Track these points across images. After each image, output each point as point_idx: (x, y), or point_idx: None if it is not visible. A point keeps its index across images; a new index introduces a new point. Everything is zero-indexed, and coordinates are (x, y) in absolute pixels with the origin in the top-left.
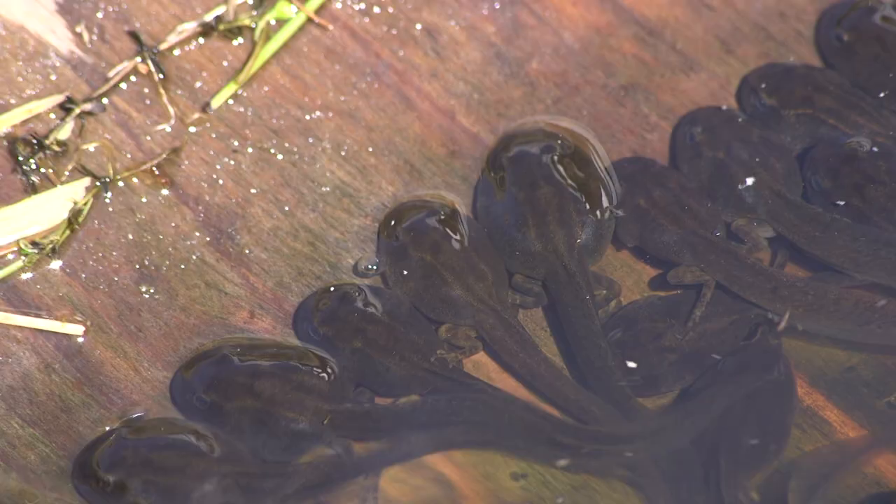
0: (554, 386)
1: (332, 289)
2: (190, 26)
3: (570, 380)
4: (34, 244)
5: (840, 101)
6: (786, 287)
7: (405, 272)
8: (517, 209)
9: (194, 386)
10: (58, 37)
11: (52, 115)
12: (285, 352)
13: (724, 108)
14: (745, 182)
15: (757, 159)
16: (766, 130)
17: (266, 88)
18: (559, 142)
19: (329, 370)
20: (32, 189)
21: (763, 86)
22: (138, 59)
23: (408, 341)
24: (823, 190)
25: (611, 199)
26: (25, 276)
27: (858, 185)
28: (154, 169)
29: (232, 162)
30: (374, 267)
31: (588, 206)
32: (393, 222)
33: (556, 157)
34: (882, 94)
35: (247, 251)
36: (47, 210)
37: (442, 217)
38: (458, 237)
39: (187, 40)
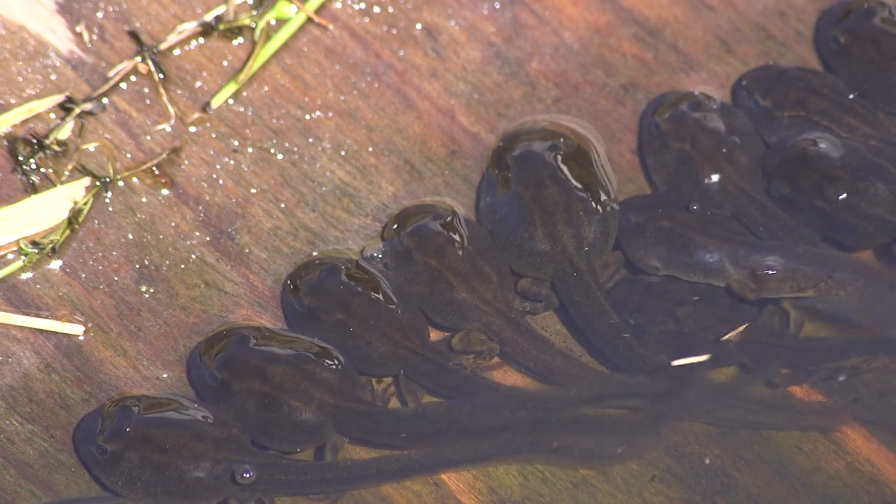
0: (575, 377)
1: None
2: (190, 26)
3: (592, 368)
4: (34, 244)
5: (833, 103)
6: (843, 269)
7: (410, 277)
8: (524, 209)
9: (209, 361)
10: (58, 37)
11: (52, 115)
12: (302, 343)
13: (696, 93)
14: (711, 178)
15: (724, 150)
16: (729, 115)
17: (266, 88)
18: (562, 140)
19: (337, 362)
20: (32, 189)
21: (757, 88)
22: (138, 58)
23: (391, 318)
24: (783, 196)
25: (610, 195)
26: (25, 276)
27: (818, 185)
28: (154, 169)
29: (232, 162)
30: (380, 255)
31: (593, 204)
32: (396, 227)
33: (560, 156)
34: (851, 95)
35: (246, 251)
36: (47, 210)
37: (445, 221)
38: (461, 241)
39: (187, 40)
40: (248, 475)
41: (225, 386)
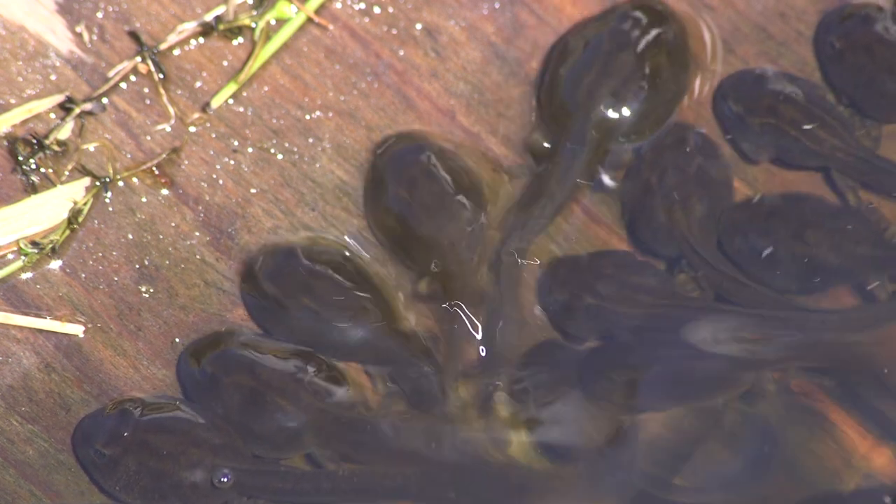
0: None
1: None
2: (190, 26)
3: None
4: (34, 244)
5: (804, 113)
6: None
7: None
8: None
9: (197, 364)
10: (58, 37)
11: (52, 115)
12: (288, 349)
13: (694, 129)
14: (661, 218)
15: (684, 194)
16: (710, 160)
17: (266, 88)
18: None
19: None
20: (32, 189)
21: (732, 92)
22: (138, 58)
23: (360, 301)
24: (764, 258)
25: None
26: (25, 276)
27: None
28: (154, 169)
29: (232, 162)
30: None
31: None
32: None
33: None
34: (836, 101)
35: (247, 251)
36: (47, 210)
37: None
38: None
39: (187, 40)
40: (225, 480)
41: (212, 384)
